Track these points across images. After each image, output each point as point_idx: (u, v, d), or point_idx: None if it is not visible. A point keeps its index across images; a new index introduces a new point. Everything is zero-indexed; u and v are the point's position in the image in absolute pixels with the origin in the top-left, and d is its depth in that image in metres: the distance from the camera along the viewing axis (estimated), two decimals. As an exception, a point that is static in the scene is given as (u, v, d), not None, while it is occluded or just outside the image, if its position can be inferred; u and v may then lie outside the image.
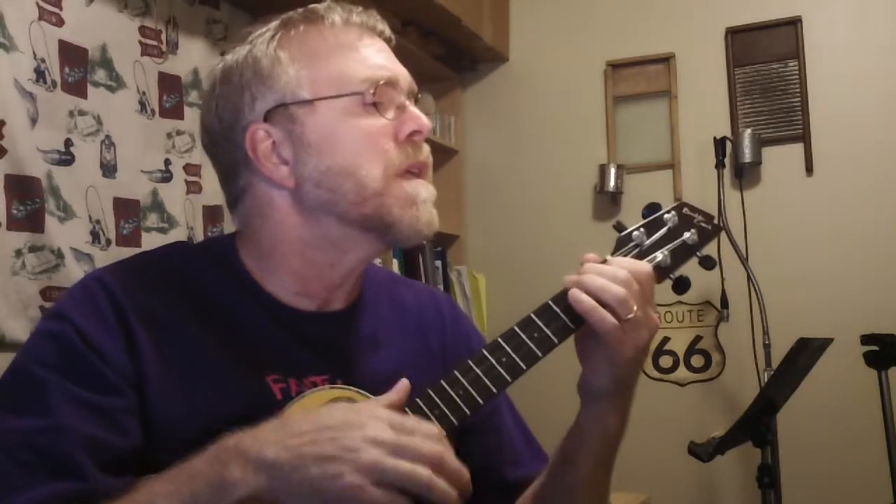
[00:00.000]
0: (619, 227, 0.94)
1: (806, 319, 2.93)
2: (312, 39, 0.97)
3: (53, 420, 0.84)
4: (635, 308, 0.88)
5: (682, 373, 3.24)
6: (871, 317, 2.79)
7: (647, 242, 0.94)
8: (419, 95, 1.03)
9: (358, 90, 0.95)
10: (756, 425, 2.24)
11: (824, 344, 2.28)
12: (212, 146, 1.02)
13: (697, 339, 3.23)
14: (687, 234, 0.94)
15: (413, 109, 0.98)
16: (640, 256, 0.93)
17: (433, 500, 0.77)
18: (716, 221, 0.96)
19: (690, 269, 0.96)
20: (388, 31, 1.03)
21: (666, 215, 0.94)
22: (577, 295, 0.89)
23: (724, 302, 3.07)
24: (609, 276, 0.89)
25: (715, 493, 3.13)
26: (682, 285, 0.93)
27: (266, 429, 0.79)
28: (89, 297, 0.92)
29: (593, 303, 0.88)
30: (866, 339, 2.35)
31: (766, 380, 2.77)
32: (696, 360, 3.23)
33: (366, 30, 1.00)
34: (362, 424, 0.78)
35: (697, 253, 0.94)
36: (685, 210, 0.95)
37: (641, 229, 0.94)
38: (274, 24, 1.00)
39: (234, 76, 0.98)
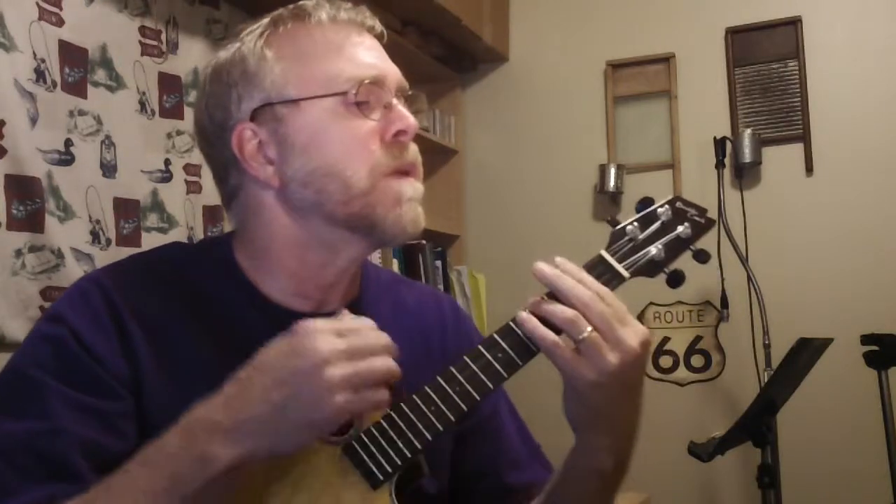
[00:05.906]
0: (613, 222, 0.94)
1: (806, 319, 2.92)
2: (299, 37, 0.96)
3: (50, 423, 0.84)
4: (588, 329, 0.84)
5: (682, 373, 3.24)
6: (871, 317, 2.78)
7: (641, 237, 0.93)
8: (410, 93, 1.01)
9: (342, 90, 0.93)
10: (756, 425, 2.23)
11: (824, 344, 2.28)
12: (204, 145, 1.01)
13: (697, 339, 3.23)
14: (680, 228, 0.94)
15: (400, 108, 0.96)
16: (634, 251, 0.93)
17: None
18: (709, 215, 0.96)
19: (688, 266, 0.96)
20: (378, 27, 1.01)
21: (659, 209, 0.94)
22: (521, 317, 0.87)
23: (724, 302, 3.06)
24: (570, 294, 0.86)
25: (715, 493, 3.13)
26: (676, 279, 0.93)
27: (229, 394, 0.79)
28: (86, 300, 0.91)
29: (535, 322, 0.86)
30: (866, 339, 2.35)
31: (766, 380, 2.77)
32: (696, 360, 3.22)
33: (354, 27, 0.98)
34: (312, 345, 0.78)
35: (691, 247, 0.94)
36: (678, 204, 0.95)
37: (635, 224, 0.94)
38: (264, 21, 0.99)
39: (223, 74, 0.97)
